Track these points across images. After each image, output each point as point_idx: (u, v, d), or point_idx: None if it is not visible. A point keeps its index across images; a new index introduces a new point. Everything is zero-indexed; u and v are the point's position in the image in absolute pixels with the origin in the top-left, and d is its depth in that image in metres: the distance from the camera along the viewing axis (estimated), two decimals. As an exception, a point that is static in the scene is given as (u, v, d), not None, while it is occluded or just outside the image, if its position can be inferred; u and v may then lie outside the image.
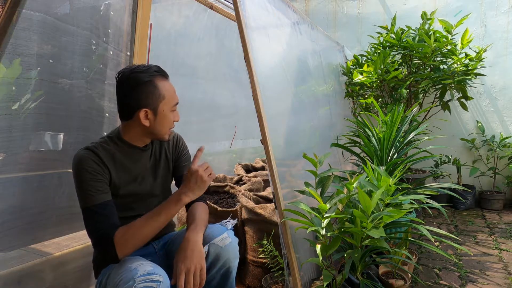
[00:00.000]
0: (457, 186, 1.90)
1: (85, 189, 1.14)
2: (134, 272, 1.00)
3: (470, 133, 3.81)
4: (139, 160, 1.32)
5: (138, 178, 1.31)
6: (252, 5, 1.74)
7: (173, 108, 1.28)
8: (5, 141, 1.41)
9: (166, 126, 1.28)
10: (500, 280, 2.03)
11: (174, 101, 1.28)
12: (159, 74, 1.24)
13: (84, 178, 1.15)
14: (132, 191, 1.29)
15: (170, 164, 1.44)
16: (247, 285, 1.94)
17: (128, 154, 1.29)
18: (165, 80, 1.27)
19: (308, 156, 1.56)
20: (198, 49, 2.73)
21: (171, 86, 1.29)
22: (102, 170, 1.19)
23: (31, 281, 1.49)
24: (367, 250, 1.49)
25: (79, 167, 1.16)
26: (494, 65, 3.66)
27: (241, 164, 2.87)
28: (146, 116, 1.23)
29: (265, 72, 1.77)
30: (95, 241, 1.15)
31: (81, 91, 1.66)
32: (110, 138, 1.28)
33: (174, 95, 1.29)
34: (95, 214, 1.13)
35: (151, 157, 1.36)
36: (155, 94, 1.22)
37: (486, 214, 3.41)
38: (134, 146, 1.30)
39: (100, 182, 1.17)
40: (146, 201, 1.33)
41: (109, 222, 1.13)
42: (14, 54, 1.42)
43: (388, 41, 3.14)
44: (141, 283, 0.97)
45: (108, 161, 1.22)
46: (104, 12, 1.74)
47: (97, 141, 1.26)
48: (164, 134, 1.29)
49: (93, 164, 1.17)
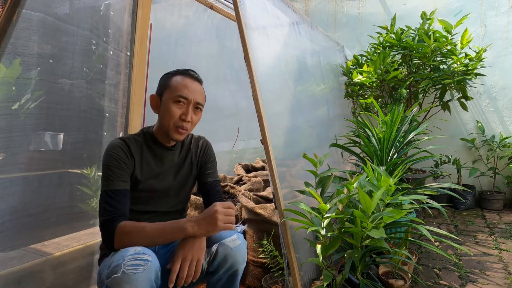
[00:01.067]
0: (457, 186, 1.90)
1: (107, 173, 1.20)
2: (124, 252, 1.04)
3: (470, 133, 3.81)
4: (164, 159, 1.35)
5: (159, 176, 1.34)
6: (252, 5, 1.74)
7: (177, 99, 1.27)
8: (5, 141, 1.41)
9: (169, 118, 1.27)
10: (500, 280, 2.03)
11: (177, 92, 1.26)
12: (181, 73, 1.32)
13: (108, 163, 1.21)
14: (151, 187, 1.32)
15: (194, 169, 1.44)
16: (247, 285, 1.94)
17: (155, 151, 1.33)
18: (182, 76, 1.30)
19: (308, 156, 1.56)
20: (198, 49, 2.73)
21: (184, 80, 1.29)
22: (127, 160, 1.24)
23: (31, 281, 1.49)
24: (367, 250, 1.49)
25: (108, 152, 1.23)
26: (494, 65, 3.67)
27: (241, 164, 2.87)
28: (154, 102, 1.32)
29: (265, 72, 1.77)
30: (101, 223, 1.17)
31: (81, 91, 1.66)
32: (144, 133, 1.34)
33: (182, 88, 1.27)
34: (109, 198, 1.17)
35: (176, 158, 1.39)
36: (165, 83, 1.30)
37: (486, 214, 3.41)
38: (162, 144, 1.34)
39: (123, 171, 1.22)
40: (161, 199, 1.35)
41: (119, 209, 1.17)
42: (14, 54, 1.42)
43: (387, 41, 3.14)
44: (130, 261, 1.00)
45: (136, 153, 1.28)
46: (104, 12, 1.74)
47: (133, 134, 1.33)
48: (168, 128, 1.28)
49: (121, 152, 1.24)
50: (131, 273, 0.98)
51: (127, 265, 0.99)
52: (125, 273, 0.98)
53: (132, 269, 0.99)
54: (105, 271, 1.06)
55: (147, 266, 1.01)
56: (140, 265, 1.00)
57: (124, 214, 1.18)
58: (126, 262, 1.00)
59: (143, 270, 1.00)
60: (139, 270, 0.99)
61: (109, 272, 1.01)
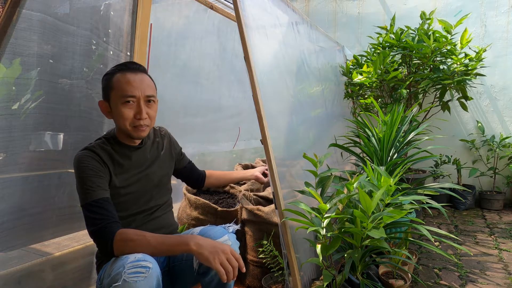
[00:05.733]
0: (457, 186, 1.90)
1: (86, 185, 1.15)
2: (125, 260, 1.02)
3: (470, 133, 3.81)
4: (136, 158, 1.33)
5: (136, 177, 1.32)
6: (252, 5, 1.74)
7: (124, 99, 1.20)
8: (5, 141, 1.41)
9: (123, 121, 1.22)
10: (500, 280, 2.03)
11: (122, 92, 1.20)
12: (120, 69, 1.24)
13: (85, 175, 1.16)
14: (131, 190, 1.30)
15: (168, 158, 1.46)
16: (247, 285, 1.94)
17: (124, 153, 1.30)
18: (122, 72, 1.23)
19: (308, 156, 1.56)
20: (199, 49, 2.73)
21: (125, 76, 1.22)
22: (103, 168, 1.21)
23: (31, 281, 1.49)
24: (367, 250, 1.49)
25: (80, 165, 1.17)
26: (494, 65, 3.66)
27: (241, 164, 2.86)
28: (104, 107, 1.27)
29: (265, 72, 1.77)
30: (93, 233, 1.13)
31: (81, 91, 1.66)
32: (107, 139, 1.29)
33: (125, 86, 1.20)
34: (95, 207, 1.13)
35: (147, 154, 1.38)
36: (108, 85, 1.24)
37: (486, 214, 3.41)
38: (128, 145, 1.31)
39: (101, 179, 1.18)
40: (144, 199, 1.35)
41: (110, 217, 1.13)
42: (14, 54, 1.42)
43: (387, 42, 3.14)
44: (131, 269, 0.98)
45: (107, 161, 1.24)
46: (104, 12, 1.74)
47: (95, 142, 1.26)
48: (127, 130, 1.24)
49: (94, 162, 1.19)
50: (132, 281, 0.96)
51: (127, 273, 0.97)
52: (126, 281, 0.96)
53: (133, 277, 0.97)
54: (106, 279, 1.04)
55: (148, 274, 0.99)
56: (141, 272, 0.98)
57: (116, 220, 1.14)
58: (126, 270, 0.98)
59: (144, 277, 0.98)
60: (140, 278, 0.97)
61: (109, 280, 0.99)
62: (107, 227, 1.11)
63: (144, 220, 1.34)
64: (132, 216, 1.31)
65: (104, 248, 1.10)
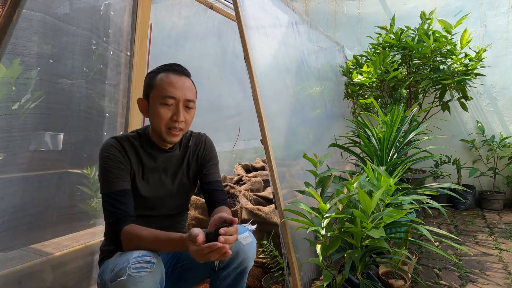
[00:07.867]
0: (457, 186, 1.90)
1: (106, 175, 1.16)
2: (129, 255, 1.02)
3: (470, 133, 3.81)
4: (162, 161, 1.29)
5: (157, 180, 1.29)
6: (252, 5, 1.74)
7: (164, 100, 1.18)
8: (5, 141, 1.41)
9: (159, 121, 1.20)
10: (500, 280, 2.03)
11: (163, 92, 1.17)
12: (164, 69, 1.22)
13: (106, 165, 1.17)
14: (148, 192, 1.27)
15: (193, 168, 1.37)
16: (247, 285, 1.94)
17: (151, 154, 1.27)
18: (166, 73, 1.21)
19: (308, 156, 1.56)
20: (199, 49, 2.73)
21: (168, 77, 1.19)
22: (124, 160, 1.20)
23: (31, 281, 1.49)
24: (367, 250, 1.49)
25: (103, 153, 1.18)
26: (494, 65, 3.67)
27: (241, 164, 2.86)
28: (143, 106, 1.25)
29: (265, 72, 1.77)
30: (109, 226, 1.15)
31: (81, 91, 1.66)
32: (139, 134, 1.28)
33: (167, 87, 1.18)
34: (112, 199, 1.14)
35: (174, 160, 1.33)
36: (150, 84, 1.22)
37: (486, 214, 3.41)
38: (158, 146, 1.28)
39: (122, 171, 1.18)
40: (160, 204, 1.31)
41: (124, 210, 1.14)
42: (14, 54, 1.42)
43: (387, 42, 3.14)
44: (135, 264, 0.98)
45: (131, 155, 1.23)
46: (104, 12, 1.74)
47: (126, 133, 1.27)
48: (161, 131, 1.21)
49: (117, 152, 1.19)
50: (137, 276, 0.96)
51: (132, 268, 0.97)
52: (131, 276, 0.96)
53: (138, 271, 0.97)
54: (108, 274, 1.03)
55: (153, 269, 0.99)
56: (145, 267, 0.98)
57: (130, 214, 1.15)
58: (131, 265, 0.98)
59: (149, 272, 0.98)
60: (145, 273, 0.97)
61: (113, 275, 0.99)
62: (118, 222, 1.12)
63: (152, 226, 1.32)
64: (148, 218, 1.29)
65: (115, 242, 1.13)
